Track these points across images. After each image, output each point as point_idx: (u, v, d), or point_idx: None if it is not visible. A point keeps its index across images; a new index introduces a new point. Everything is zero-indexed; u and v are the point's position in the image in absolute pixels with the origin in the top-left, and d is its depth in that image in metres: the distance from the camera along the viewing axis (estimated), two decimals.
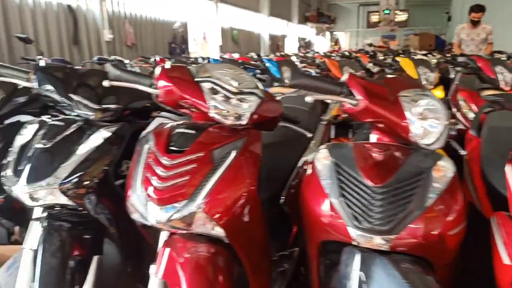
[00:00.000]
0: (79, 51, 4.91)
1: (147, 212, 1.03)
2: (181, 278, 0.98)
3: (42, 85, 1.34)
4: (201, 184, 1.02)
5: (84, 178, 1.21)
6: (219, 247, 1.07)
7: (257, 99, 1.15)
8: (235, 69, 1.19)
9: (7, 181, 1.22)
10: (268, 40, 12.32)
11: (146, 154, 1.10)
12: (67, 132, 1.26)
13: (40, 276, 1.16)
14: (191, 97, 1.11)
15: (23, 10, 4.11)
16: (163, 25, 6.86)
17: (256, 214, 1.13)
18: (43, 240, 1.21)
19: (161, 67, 1.15)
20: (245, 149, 1.10)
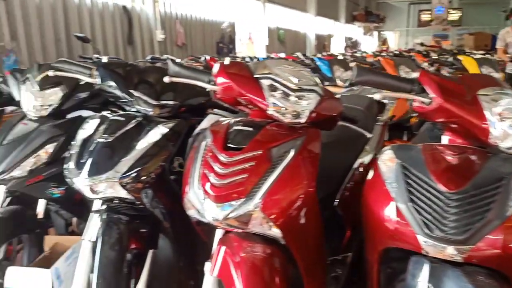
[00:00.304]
0: (133, 50, 5.10)
1: (203, 209, 1.02)
2: (236, 278, 0.97)
3: (104, 81, 1.38)
4: (259, 183, 1.00)
5: (142, 173, 1.23)
6: (275, 248, 1.04)
7: (316, 96, 1.11)
8: (295, 66, 1.16)
9: (69, 173, 1.26)
10: (314, 40, 12.18)
11: (204, 151, 1.09)
12: (127, 127, 1.29)
13: (98, 268, 1.20)
14: (250, 93, 1.09)
15: (81, 10, 4.33)
16: (211, 25, 6.97)
17: (314, 216, 1.09)
18: (102, 232, 1.24)
19: (220, 63, 1.14)
20: (304, 148, 1.06)
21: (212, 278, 1.05)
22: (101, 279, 1.17)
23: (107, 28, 4.67)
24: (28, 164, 1.55)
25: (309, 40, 12.16)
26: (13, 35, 3.60)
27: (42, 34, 3.90)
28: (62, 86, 1.66)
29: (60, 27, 4.08)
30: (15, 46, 3.54)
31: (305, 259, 1.07)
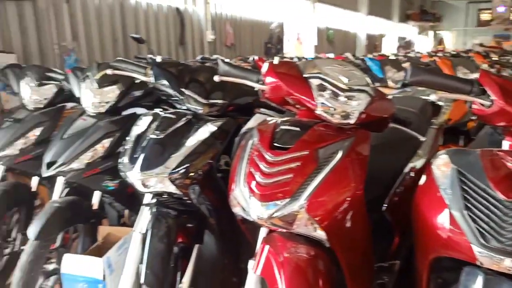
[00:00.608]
0: (184, 51, 5.25)
1: (249, 207, 1.03)
2: (279, 277, 0.96)
3: (157, 79, 1.43)
4: (305, 183, 0.99)
5: (190, 169, 1.26)
6: (319, 250, 1.03)
7: (367, 97, 1.08)
8: (345, 65, 1.14)
9: (123, 167, 1.32)
10: (364, 40, 11.88)
11: (250, 149, 1.10)
12: (178, 124, 1.32)
13: (147, 259, 1.24)
14: (298, 93, 1.09)
15: (138, 12, 4.53)
16: (260, 26, 7.01)
17: (361, 220, 1.07)
18: (152, 225, 1.29)
19: (269, 62, 1.14)
20: (352, 150, 1.04)
21: (255, 276, 1.06)
22: (149, 269, 1.22)
23: (161, 29, 4.84)
24: (85, 158, 1.65)
25: (359, 40, 11.88)
26: (74, 35, 3.84)
27: (100, 35, 4.13)
28: (119, 85, 1.75)
29: (117, 28, 4.29)
30: (75, 46, 3.77)
31: (350, 263, 1.05)
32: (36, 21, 3.47)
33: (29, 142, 1.88)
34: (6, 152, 1.87)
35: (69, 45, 3.72)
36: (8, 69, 2.15)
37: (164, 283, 1.21)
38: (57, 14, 3.65)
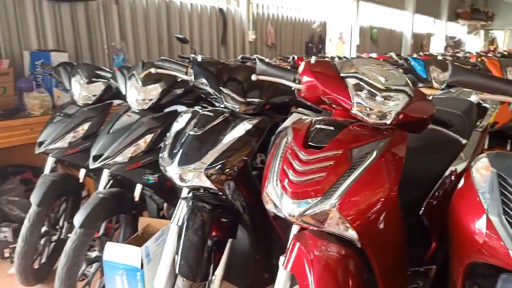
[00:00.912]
0: (226, 50, 5.34)
1: (281, 204, 1.04)
2: (310, 275, 0.97)
3: (197, 78, 1.47)
4: (337, 183, 0.99)
5: (226, 165, 1.29)
6: (350, 250, 1.02)
7: (405, 97, 1.06)
8: (384, 65, 1.12)
9: (163, 162, 1.37)
10: (410, 39, 11.47)
11: (284, 147, 1.11)
12: (215, 122, 1.35)
13: (182, 250, 1.29)
14: (334, 92, 1.08)
15: (183, 13, 4.66)
16: (302, 25, 6.98)
17: (395, 222, 1.05)
18: (188, 218, 1.34)
19: (306, 62, 1.15)
20: (387, 151, 1.02)
21: (285, 272, 1.07)
22: (184, 260, 1.26)
23: (204, 29, 4.95)
24: (129, 152, 1.73)
25: (405, 39, 11.48)
26: (123, 36, 4.02)
27: (147, 35, 4.29)
28: (161, 83, 1.82)
29: (163, 29, 4.44)
30: (123, 46, 3.94)
31: (382, 266, 1.04)
32: (87, 21, 3.67)
33: (78, 136, 2.00)
34: (56, 145, 2.00)
35: (117, 45, 3.90)
36: (61, 67, 2.28)
37: (197, 273, 1.25)
38: (106, 15, 3.84)
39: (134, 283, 1.55)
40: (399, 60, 3.65)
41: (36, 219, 1.92)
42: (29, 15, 3.21)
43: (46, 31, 3.35)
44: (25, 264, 1.95)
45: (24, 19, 3.19)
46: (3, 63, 2.74)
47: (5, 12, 3.06)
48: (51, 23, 3.37)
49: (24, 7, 3.18)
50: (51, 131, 2.02)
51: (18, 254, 1.92)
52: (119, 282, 1.57)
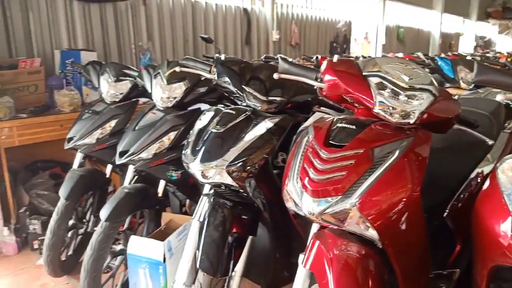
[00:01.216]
0: (250, 50, 5.36)
1: (301, 202, 1.05)
2: (329, 274, 0.97)
3: (220, 77, 1.49)
4: (358, 182, 0.98)
5: (247, 163, 1.30)
6: (371, 250, 1.02)
7: (429, 96, 1.04)
8: (408, 64, 1.11)
9: (186, 159, 1.39)
10: (438, 39, 11.19)
11: (305, 146, 1.12)
12: (237, 120, 1.37)
13: (203, 245, 1.31)
14: (356, 91, 1.08)
15: (208, 13, 4.71)
16: (326, 25, 6.93)
17: (417, 223, 1.03)
18: (209, 214, 1.36)
19: (328, 60, 1.15)
20: (410, 150, 1.01)
21: (304, 270, 1.07)
22: (205, 255, 1.28)
23: (228, 29, 4.99)
24: (153, 148, 1.77)
25: (433, 38, 11.21)
26: (149, 36, 4.10)
27: (173, 35, 4.36)
28: (185, 81, 1.85)
29: (188, 29, 4.51)
30: (150, 45, 4.03)
31: (404, 267, 1.03)
32: (115, 22, 3.77)
33: (105, 132, 2.06)
34: (85, 141, 2.06)
35: (144, 45, 3.98)
36: (90, 65, 2.35)
37: (218, 269, 1.27)
38: (134, 16, 3.93)
39: (157, 276, 1.58)
40: (426, 60, 3.57)
41: (64, 212, 1.99)
42: (60, 15, 3.33)
43: (76, 31, 3.46)
44: (52, 256, 2.02)
45: (56, 20, 3.31)
46: (35, 62, 2.85)
47: (38, 12, 3.18)
48: (81, 23, 3.48)
49: (56, 8, 3.30)
50: (80, 127, 2.09)
51: (46, 246, 2.00)
52: (142, 275, 1.61)
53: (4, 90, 2.63)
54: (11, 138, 2.51)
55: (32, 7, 3.13)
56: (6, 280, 2.22)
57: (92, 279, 1.68)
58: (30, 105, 2.78)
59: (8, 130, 2.49)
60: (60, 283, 2.17)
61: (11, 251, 2.48)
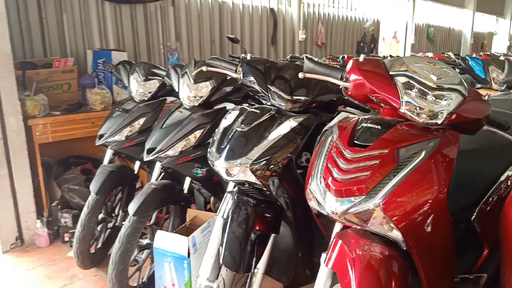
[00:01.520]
0: (275, 50, 5.37)
1: (324, 201, 1.05)
2: (351, 274, 0.97)
3: (246, 76, 1.50)
4: (382, 182, 0.98)
5: (271, 161, 1.31)
6: (394, 252, 1.01)
7: (458, 96, 1.02)
8: (436, 63, 1.09)
9: (211, 156, 1.42)
10: (470, 38, 10.83)
11: (329, 145, 1.12)
12: (262, 119, 1.38)
13: (226, 242, 1.33)
14: (382, 91, 1.07)
15: (234, 13, 4.75)
16: (353, 24, 6.84)
17: (443, 226, 1.02)
18: (232, 211, 1.37)
19: (354, 59, 1.14)
20: (437, 151, 0.99)
21: (327, 269, 1.08)
22: (228, 251, 1.30)
23: (254, 29, 5.02)
24: (179, 146, 1.81)
25: (464, 38, 10.87)
26: (177, 36, 4.17)
27: (200, 36, 4.42)
28: (212, 81, 1.88)
29: (215, 29, 4.56)
30: (178, 45, 4.10)
31: (428, 270, 1.01)
32: (145, 22, 3.86)
33: (134, 130, 2.12)
34: (115, 138, 2.13)
35: (172, 45, 4.06)
36: (121, 65, 2.42)
37: (240, 265, 1.29)
38: (163, 17, 4.01)
39: (181, 270, 1.62)
40: (457, 60, 3.48)
41: (94, 207, 2.06)
42: (93, 16, 3.44)
43: (107, 32, 3.57)
44: (82, 248, 2.10)
45: (88, 21, 3.42)
46: (68, 61, 2.96)
47: (72, 14, 3.31)
48: (112, 24, 3.59)
49: (88, 9, 3.41)
50: (110, 125, 2.16)
51: (76, 238, 2.07)
52: (167, 268, 1.65)
53: (39, 88, 2.75)
54: (45, 134, 2.63)
55: (66, 8, 3.25)
56: (38, 270, 2.33)
57: (120, 271, 1.73)
58: (63, 103, 2.90)
59: (43, 126, 2.60)
60: (88, 275, 2.25)
61: (43, 243, 2.58)
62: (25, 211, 2.57)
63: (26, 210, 2.57)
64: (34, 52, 3.10)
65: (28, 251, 2.54)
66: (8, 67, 2.37)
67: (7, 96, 2.39)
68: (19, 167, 2.49)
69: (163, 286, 1.70)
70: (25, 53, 3.05)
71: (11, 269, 2.35)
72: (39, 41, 3.13)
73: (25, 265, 2.37)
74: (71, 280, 2.22)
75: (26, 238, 2.60)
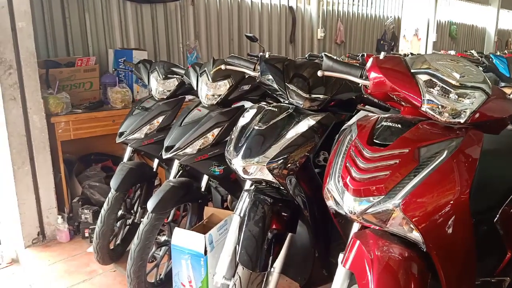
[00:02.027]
0: (294, 48, 5.34)
1: (342, 201, 1.04)
2: (369, 275, 0.96)
3: (264, 74, 1.50)
4: (402, 182, 0.96)
5: (288, 160, 1.30)
6: (414, 253, 0.99)
7: (482, 95, 0.99)
8: (459, 61, 1.06)
9: (229, 154, 1.42)
10: (494, 36, 10.52)
11: (348, 144, 1.10)
12: (279, 117, 1.37)
13: (243, 240, 1.33)
14: (403, 89, 1.05)
15: (253, 12, 4.75)
16: (373, 22, 6.74)
17: (464, 228, 0.99)
18: (249, 209, 1.37)
19: (374, 57, 1.12)
20: (460, 151, 0.97)
21: (344, 270, 1.07)
22: (244, 250, 1.30)
23: (273, 28, 5.01)
24: (197, 144, 1.82)
25: (488, 36, 10.57)
26: (197, 35, 4.20)
27: (219, 35, 4.44)
28: (230, 79, 1.88)
29: (234, 28, 4.57)
30: (197, 44, 4.13)
31: (448, 272, 0.99)
32: (165, 22, 3.90)
33: (153, 128, 2.14)
34: (134, 136, 2.16)
35: (191, 44, 4.09)
36: (141, 63, 2.45)
37: (257, 263, 1.28)
38: (183, 16, 4.04)
39: (198, 268, 1.63)
40: (480, 58, 3.39)
41: (114, 203, 2.09)
42: (114, 16, 3.50)
43: (129, 31, 3.62)
44: (102, 244, 2.14)
45: (110, 20, 3.48)
46: (90, 60, 3.02)
47: (94, 14, 3.37)
48: (133, 24, 3.64)
49: (110, 9, 3.47)
50: (130, 123, 2.19)
51: (96, 234, 2.11)
52: (185, 265, 1.66)
53: (62, 86, 2.82)
54: (67, 132, 2.69)
55: (88, 8, 3.32)
56: (59, 265, 2.38)
57: (138, 267, 1.76)
58: (85, 101, 2.96)
59: (65, 124, 2.67)
60: (107, 270, 2.30)
61: (64, 238, 2.65)
62: (47, 207, 2.64)
63: (48, 206, 2.64)
64: (57, 51, 3.18)
65: (49, 246, 2.60)
66: (32, 66, 2.44)
67: (31, 94, 2.45)
68: (41, 164, 2.56)
69: (180, 283, 1.72)
70: (48, 52, 3.13)
71: (33, 264, 2.42)
72: (62, 40, 3.20)
73: (46, 260, 2.43)
74: (91, 275, 2.27)
75: (47, 233, 2.66)
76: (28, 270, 2.39)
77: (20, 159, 2.46)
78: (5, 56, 2.32)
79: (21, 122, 2.43)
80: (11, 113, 2.39)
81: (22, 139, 2.45)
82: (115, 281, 2.20)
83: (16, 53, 2.37)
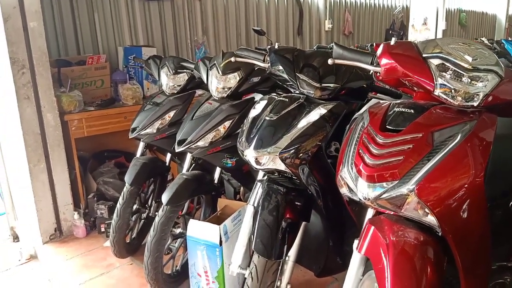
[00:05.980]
0: (301, 41, 5.32)
1: (355, 188, 1.04)
2: (385, 260, 0.96)
3: (274, 65, 1.50)
4: (416, 166, 0.96)
5: (300, 150, 1.31)
6: (429, 237, 0.99)
7: (495, 77, 0.99)
8: (471, 44, 1.05)
9: (241, 146, 1.43)
10: (505, 23, 10.32)
11: (360, 131, 1.10)
12: (290, 107, 1.38)
13: (257, 229, 1.34)
14: (415, 74, 1.04)
15: (260, 5, 4.74)
16: (382, 12, 6.67)
17: (479, 211, 0.99)
18: (263, 199, 1.39)
19: (385, 44, 1.12)
20: (473, 135, 0.96)
21: (359, 255, 1.07)
22: (259, 239, 1.32)
23: (280, 20, 4.99)
24: (209, 137, 1.84)
25: (499, 23, 10.37)
26: (204, 30, 4.21)
27: (226, 29, 4.44)
28: (240, 71, 1.88)
29: (241, 23, 4.56)
30: (205, 40, 4.14)
31: (464, 257, 0.99)
32: (173, 18, 3.92)
33: (165, 122, 2.16)
34: (146, 131, 2.18)
35: (199, 39, 4.10)
36: (151, 59, 2.47)
37: (272, 252, 1.30)
38: (190, 12, 4.05)
39: (214, 258, 1.65)
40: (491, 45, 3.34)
41: (128, 197, 2.13)
42: (123, 14, 3.52)
43: (137, 28, 3.64)
44: (118, 238, 2.18)
45: (119, 18, 3.51)
46: (101, 58, 3.05)
47: (103, 12, 3.40)
48: (141, 21, 3.67)
49: (119, 7, 3.50)
50: (142, 118, 2.21)
51: (113, 228, 2.15)
52: (200, 256, 1.69)
53: (74, 84, 2.85)
54: (81, 129, 2.73)
55: (97, 7, 3.35)
56: (76, 260, 2.43)
57: (155, 259, 1.79)
58: (97, 99, 3.00)
59: (78, 121, 2.71)
60: (124, 264, 2.34)
61: (81, 234, 2.69)
62: (63, 203, 2.68)
63: (64, 202, 2.69)
64: (68, 50, 3.22)
65: (66, 241, 2.65)
66: (44, 65, 2.47)
67: (44, 93, 2.49)
68: (56, 161, 2.60)
69: (196, 273, 1.74)
70: (59, 51, 3.17)
71: (51, 259, 2.47)
72: (72, 39, 3.24)
73: (63, 255, 2.48)
74: (108, 268, 2.31)
75: (64, 229, 2.71)
76: (47, 265, 2.44)
77: (36, 156, 2.51)
78: (18, 56, 2.36)
79: (35, 121, 2.48)
80: (25, 112, 2.43)
81: (37, 137, 2.50)
82: (132, 274, 2.24)
83: (28, 53, 2.40)
